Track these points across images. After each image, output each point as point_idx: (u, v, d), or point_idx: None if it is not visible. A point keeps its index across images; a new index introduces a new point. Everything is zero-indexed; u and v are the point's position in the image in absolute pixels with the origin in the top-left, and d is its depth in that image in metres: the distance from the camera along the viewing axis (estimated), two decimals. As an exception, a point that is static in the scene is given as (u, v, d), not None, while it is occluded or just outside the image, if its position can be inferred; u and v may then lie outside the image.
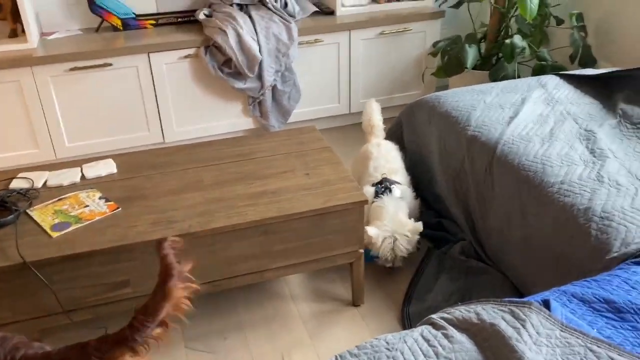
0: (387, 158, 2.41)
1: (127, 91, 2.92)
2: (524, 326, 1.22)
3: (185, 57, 2.94)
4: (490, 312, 1.29)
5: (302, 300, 2.14)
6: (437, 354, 1.20)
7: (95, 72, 2.83)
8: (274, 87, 3.11)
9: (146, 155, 2.19)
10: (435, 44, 3.39)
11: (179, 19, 3.17)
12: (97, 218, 1.81)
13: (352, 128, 3.43)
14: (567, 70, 2.88)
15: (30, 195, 1.92)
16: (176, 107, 3.05)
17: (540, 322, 1.23)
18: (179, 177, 2.04)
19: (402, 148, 2.68)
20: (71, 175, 2.03)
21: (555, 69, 2.98)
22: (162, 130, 3.08)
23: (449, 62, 3.18)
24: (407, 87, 3.50)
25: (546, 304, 1.31)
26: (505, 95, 2.45)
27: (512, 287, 2.05)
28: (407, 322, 2.02)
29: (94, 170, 2.06)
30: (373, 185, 2.31)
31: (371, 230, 2.10)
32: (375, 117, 2.54)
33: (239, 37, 2.90)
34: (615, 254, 1.55)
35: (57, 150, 2.94)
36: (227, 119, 3.17)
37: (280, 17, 3.05)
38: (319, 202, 1.86)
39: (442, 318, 1.32)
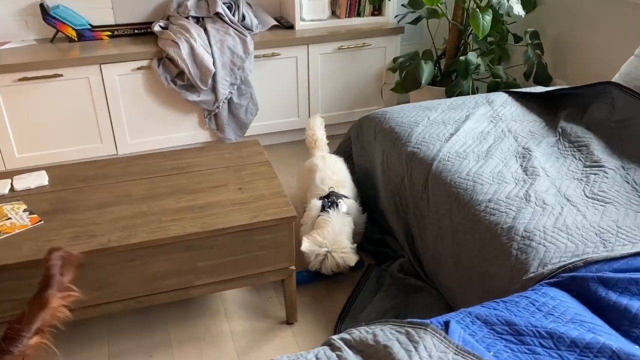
0: (334, 170, 2.40)
1: (79, 102, 2.90)
2: (416, 348, 1.19)
3: (138, 68, 2.92)
4: (387, 333, 1.26)
5: (235, 318, 2.10)
6: (325, 377, 1.17)
7: (45, 83, 2.81)
8: (230, 101, 3.10)
9: (80, 168, 2.16)
10: (395, 60, 3.39)
11: (136, 31, 3.16)
12: (17, 231, 1.77)
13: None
14: (520, 88, 2.88)
15: (-47, 207, 1.88)
16: (130, 119, 3.02)
17: (434, 345, 1.20)
18: (109, 190, 2.00)
19: (351, 163, 2.67)
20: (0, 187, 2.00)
21: (508, 86, 2.98)
22: (115, 142, 3.05)
23: (406, 78, 3.18)
24: (367, 102, 3.49)
25: (447, 325, 1.29)
26: (450, 112, 2.44)
27: (447, 306, 2.02)
28: (338, 340, 1.98)
29: (24, 182, 2.03)
30: (320, 198, 2.29)
31: (305, 245, 2.07)
32: (319, 132, 2.53)
33: (192, 49, 2.88)
34: (532, 275, 1.53)
35: (7, 161, 2.91)
36: (183, 131, 3.15)
37: (236, 30, 3.04)
38: (245, 218, 1.83)
39: (341, 339, 1.29)
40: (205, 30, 3.01)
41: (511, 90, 2.61)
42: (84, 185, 2.04)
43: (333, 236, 2.11)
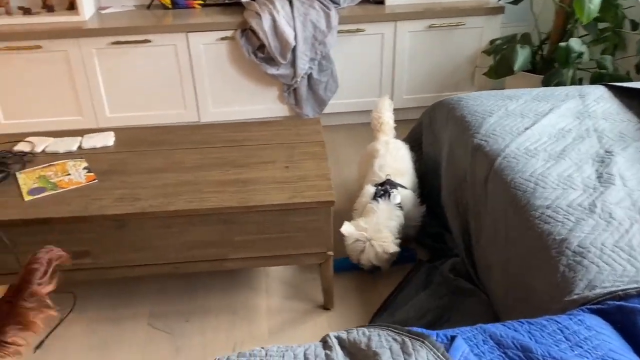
0: (395, 157, 2.28)
1: (165, 68, 3.01)
2: (406, 362, 1.09)
3: (223, 39, 2.96)
4: (382, 340, 1.16)
5: (274, 295, 2.09)
6: (305, 375, 1.11)
7: (134, 48, 2.94)
8: (309, 76, 3.05)
9: (146, 132, 2.24)
10: (492, 42, 3.14)
11: (227, 1, 3.20)
12: (72, 187, 1.88)
13: (392, 124, 3.27)
14: (629, 82, 2.54)
15: (26, 159, 2.03)
16: (213, 87, 3.09)
17: (427, 360, 1.09)
18: (165, 156, 2.06)
19: (421, 151, 2.52)
20: (69, 144, 2.13)
21: (614, 79, 2.64)
22: (197, 109, 3.14)
23: (500, 63, 2.93)
24: (458, 87, 3.28)
25: (453, 340, 1.16)
26: (532, 104, 2.20)
27: (496, 314, 1.85)
28: (371, 334, 1.90)
29: (91, 141, 2.14)
30: (375, 185, 2.19)
31: (345, 228, 2.00)
32: (386, 115, 2.41)
33: (273, 22, 2.86)
34: (575, 297, 1.34)
35: (99, 119, 3.11)
36: (262, 104, 3.16)
37: (321, 3, 2.97)
38: (283, 197, 1.79)
39: (337, 337, 1.22)
40: (291, 2, 2.97)
41: (611, 83, 2.30)
42: (144, 149, 2.11)
43: (375, 226, 2.01)
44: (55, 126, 3.04)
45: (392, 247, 2.00)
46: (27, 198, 1.82)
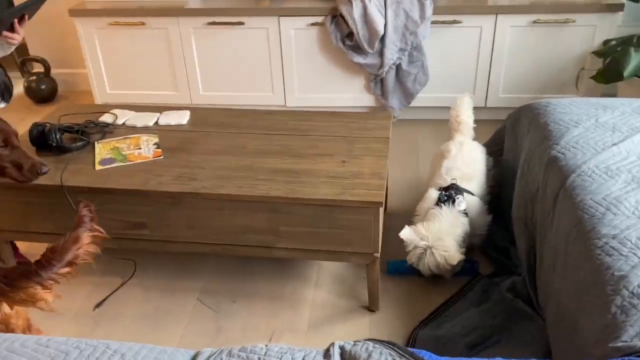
0: (466, 160, 2.14)
1: (256, 51, 3.06)
2: (397, 387, 1.02)
3: (313, 24, 2.95)
4: (382, 358, 1.10)
5: (323, 289, 2.07)
6: (294, 382, 1.08)
7: (228, 29, 3.02)
8: (398, 67, 2.96)
9: (218, 113, 2.30)
10: (606, 43, 2.84)
11: (323, -14, 3.17)
12: (139, 161, 1.98)
13: (483, 125, 3.06)
14: None
15: (107, 130, 2.18)
16: (300, 73, 3.10)
17: (420, 390, 1.02)
18: (230, 139, 2.10)
19: (501, 155, 2.36)
20: (147, 119, 2.24)
21: None
22: (284, 94, 3.17)
23: (608, 66, 2.65)
24: (562, 89, 3.01)
25: (458, 372, 1.08)
26: (630, 117, 1.96)
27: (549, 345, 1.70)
28: (411, 345, 1.82)
29: (167, 119, 2.24)
30: (440, 189, 2.09)
31: (405, 233, 1.91)
32: (465, 114, 2.27)
33: (364, 9, 2.80)
34: (621, 344, 1.18)
35: (193, 96, 3.24)
36: (348, 93, 3.12)
37: (417, -8, 2.85)
38: (330, 193, 1.75)
39: (341, 347, 1.18)
40: (385, -10, 2.88)
41: None
42: (213, 130, 2.17)
43: (437, 233, 1.91)
44: (153, 99, 3.23)
45: (456, 257, 1.89)
46: (97, 167, 1.94)
